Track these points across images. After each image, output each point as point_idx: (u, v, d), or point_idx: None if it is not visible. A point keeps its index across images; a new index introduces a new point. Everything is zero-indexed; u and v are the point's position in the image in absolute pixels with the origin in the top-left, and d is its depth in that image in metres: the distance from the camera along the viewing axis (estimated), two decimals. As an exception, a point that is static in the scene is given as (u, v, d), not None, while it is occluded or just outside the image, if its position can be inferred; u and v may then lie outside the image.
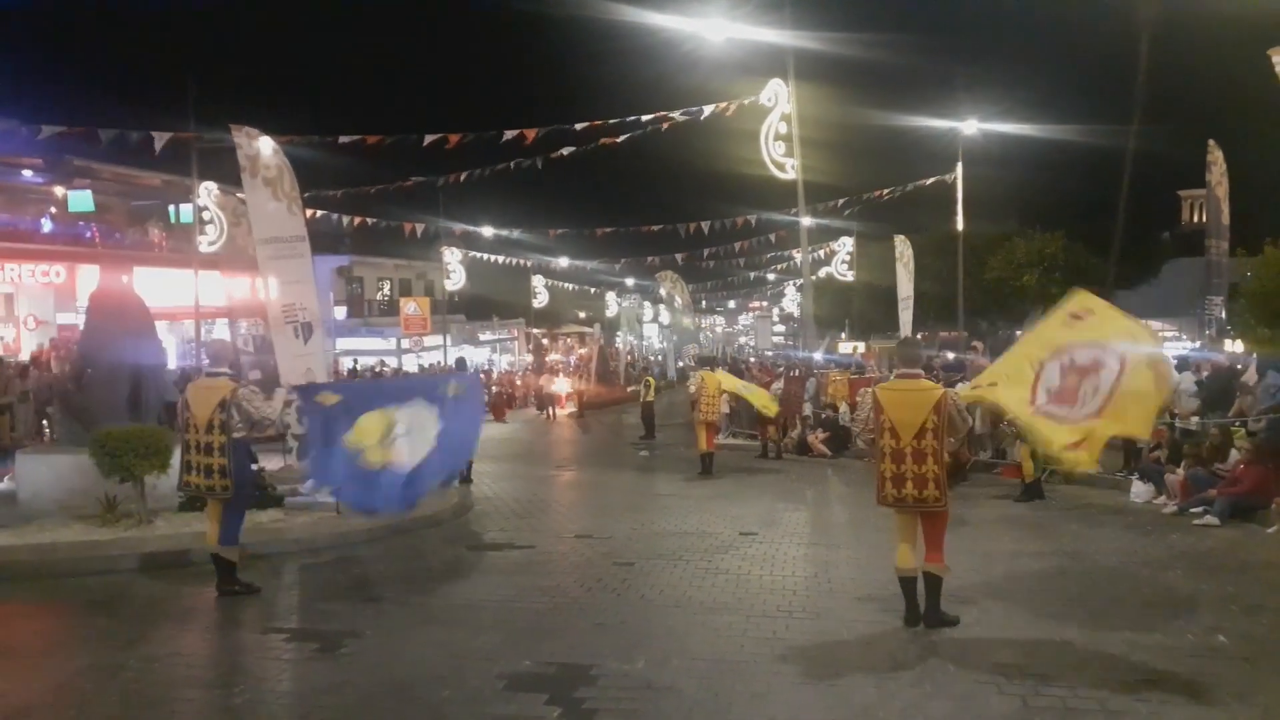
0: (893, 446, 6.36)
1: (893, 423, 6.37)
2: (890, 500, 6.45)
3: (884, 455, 6.40)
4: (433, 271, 44.43)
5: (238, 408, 7.44)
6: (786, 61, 19.98)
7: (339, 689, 5.43)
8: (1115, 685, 5.38)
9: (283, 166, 11.18)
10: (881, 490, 6.48)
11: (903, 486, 6.35)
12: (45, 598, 7.72)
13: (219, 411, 7.40)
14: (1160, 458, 12.00)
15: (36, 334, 26.83)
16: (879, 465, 6.48)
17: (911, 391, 6.49)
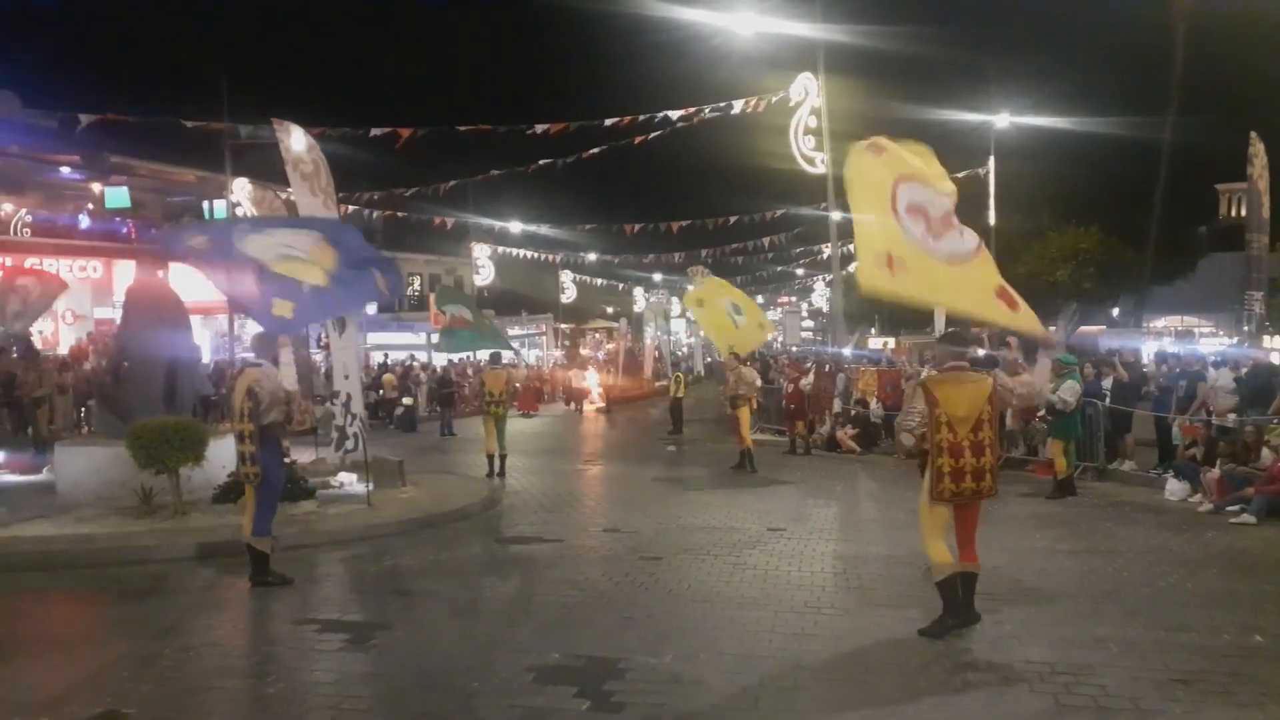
0: (950, 441, 6.09)
1: (949, 417, 6.11)
2: (949, 495, 6.14)
3: (941, 450, 6.11)
4: (462, 267, 44.68)
5: (257, 393, 7.55)
6: (816, 55, 19.87)
7: (370, 680, 5.49)
8: (1149, 684, 5.32)
9: (318, 161, 11.29)
10: (939, 485, 6.14)
11: (962, 481, 6.10)
12: (83, 587, 7.85)
13: (246, 400, 7.51)
14: (1196, 455, 11.83)
15: (74, 328, 27.29)
16: (935, 461, 6.14)
17: (965, 384, 6.24)
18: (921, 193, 6.37)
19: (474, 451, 15.85)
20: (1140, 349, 22.56)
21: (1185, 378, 13.67)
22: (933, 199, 6.39)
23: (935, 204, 6.39)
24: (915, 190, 6.34)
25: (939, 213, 6.33)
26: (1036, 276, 34.15)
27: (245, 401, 7.53)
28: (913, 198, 6.30)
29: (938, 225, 6.30)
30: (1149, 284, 33.55)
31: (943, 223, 6.34)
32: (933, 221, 6.29)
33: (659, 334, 40.80)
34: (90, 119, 17.00)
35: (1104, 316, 38.56)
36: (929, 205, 6.35)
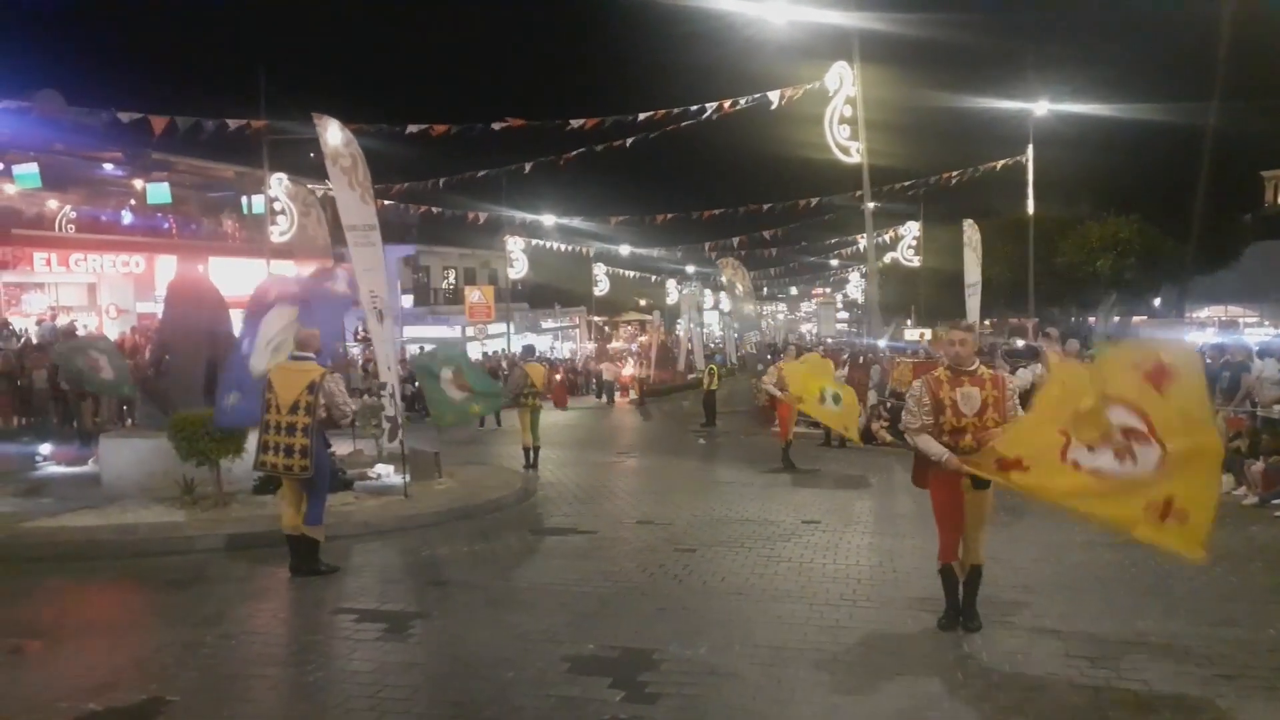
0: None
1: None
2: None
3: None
4: (496, 260, 44.88)
5: (327, 393, 7.64)
6: (851, 43, 19.69)
7: (407, 669, 5.55)
8: (1192, 679, 5.25)
9: (356, 155, 11.37)
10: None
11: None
12: (126, 576, 8.00)
13: (307, 393, 7.57)
14: (1240, 448, 11.62)
15: (118, 322, 27.76)
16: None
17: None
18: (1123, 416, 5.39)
19: (511, 443, 15.92)
20: (1183, 340, 22.15)
21: (1228, 369, 13.41)
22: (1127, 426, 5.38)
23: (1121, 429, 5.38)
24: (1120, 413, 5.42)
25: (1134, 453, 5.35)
26: (1076, 266, 33.70)
27: (305, 395, 7.59)
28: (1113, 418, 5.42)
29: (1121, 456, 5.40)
30: (1191, 273, 32.98)
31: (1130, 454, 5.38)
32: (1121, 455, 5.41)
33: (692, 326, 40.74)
34: (130, 117, 17.25)
35: (1145, 307, 37.95)
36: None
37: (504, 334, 38.43)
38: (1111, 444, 5.43)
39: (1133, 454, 5.38)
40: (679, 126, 20.11)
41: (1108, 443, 5.43)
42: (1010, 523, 9.89)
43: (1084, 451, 5.51)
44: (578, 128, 19.44)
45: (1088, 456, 5.50)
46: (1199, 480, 5.35)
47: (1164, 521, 5.29)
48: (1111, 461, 5.43)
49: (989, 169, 27.12)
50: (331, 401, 7.72)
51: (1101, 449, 5.46)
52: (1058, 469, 5.57)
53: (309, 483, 7.71)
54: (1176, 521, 5.26)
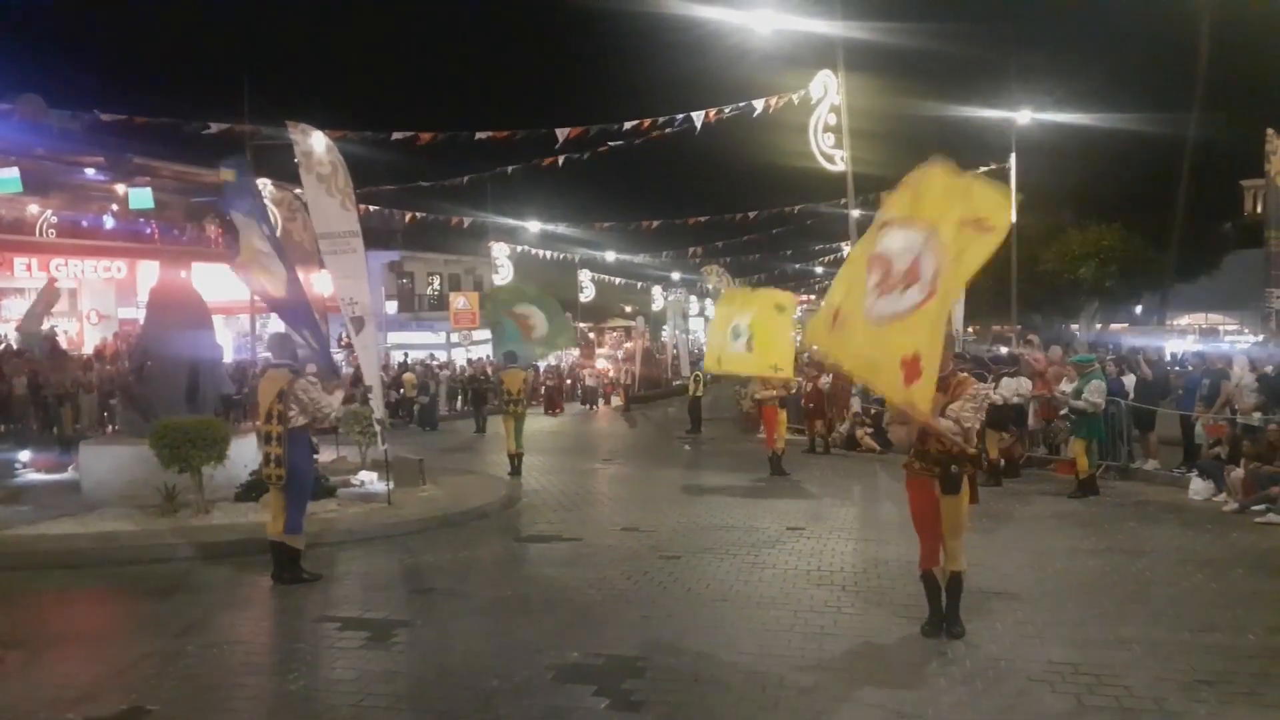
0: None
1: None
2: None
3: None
4: (481, 266, 44.83)
5: (295, 398, 7.60)
6: (836, 52, 19.79)
7: (391, 677, 5.52)
8: (1173, 685, 5.28)
9: (336, 163, 11.32)
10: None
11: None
12: (107, 585, 7.93)
13: (277, 401, 7.57)
14: (1221, 454, 11.71)
15: (99, 328, 27.56)
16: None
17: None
18: (903, 239, 5.73)
19: (497, 451, 15.88)
20: (1163, 347, 22.35)
21: (1208, 376, 13.53)
22: (911, 248, 5.64)
23: (907, 254, 5.64)
24: (898, 237, 5.77)
25: (904, 264, 5.64)
26: (1058, 274, 33.94)
27: (275, 403, 7.58)
28: (889, 245, 5.78)
29: (894, 279, 5.66)
30: (1172, 281, 33.27)
31: (902, 277, 5.63)
32: (891, 275, 5.68)
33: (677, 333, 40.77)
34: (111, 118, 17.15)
35: (1126, 314, 38.25)
36: (900, 255, 5.69)
37: (489, 340, 38.37)
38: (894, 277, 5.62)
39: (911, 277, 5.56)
40: (664, 134, 20.14)
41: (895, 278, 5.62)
42: (994, 529, 9.94)
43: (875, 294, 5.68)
44: (563, 138, 19.44)
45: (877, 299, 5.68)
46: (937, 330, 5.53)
47: (909, 386, 5.44)
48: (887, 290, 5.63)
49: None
50: (302, 406, 7.64)
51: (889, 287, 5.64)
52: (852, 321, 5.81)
53: (286, 490, 7.68)
54: (918, 379, 5.40)
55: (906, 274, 5.61)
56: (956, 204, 5.60)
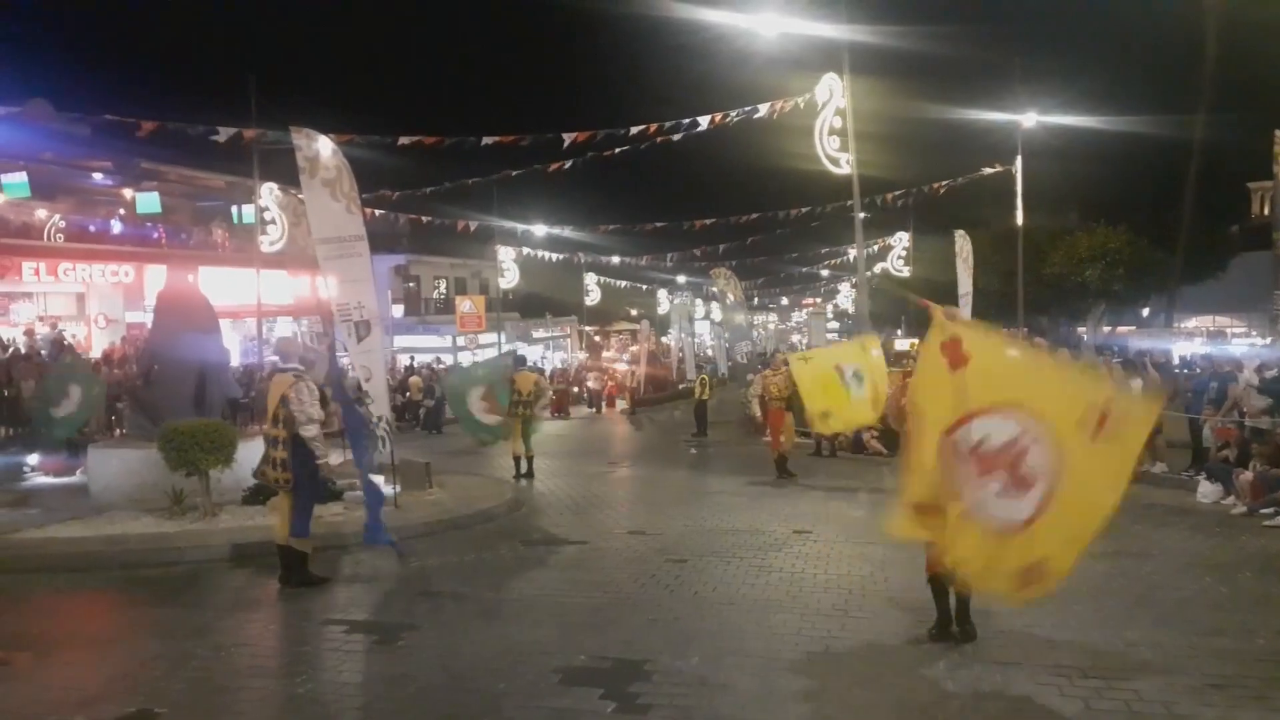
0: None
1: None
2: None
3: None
4: (488, 270, 44.86)
5: (291, 402, 7.60)
6: (841, 55, 19.78)
7: (398, 680, 5.53)
8: (1181, 689, 5.26)
9: (341, 167, 11.35)
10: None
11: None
12: (115, 588, 7.95)
13: (281, 405, 7.59)
14: (1229, 457, 11.67)
15: (107, 332, 27.64)
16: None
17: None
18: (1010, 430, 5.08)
19: (503, 454, 15.88)
20: (1170, 350, 22.29)
21: (1216, 379, 13.50)
22: (1009, 435, 5.07)
23: (1008, 448, 5.07)
24: (1004, 426, 5.09)
25: (1007, 458, 5.08)
26: (1065, 276, 33.84)
27: (279, 408, 7.59)
28: (981, 436, 5.14)
29: (997, 473, 5.10)
30: (1179, 284, 33.16)
31: (1006, 471, 5.08)
32: (993, 469, 5.11)
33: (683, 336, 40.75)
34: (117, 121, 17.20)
35: (1133, 317, 38.14)
36: (1000, 449, 5.09)
37: (495, 344, 38.40)
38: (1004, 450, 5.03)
39: (1021, 481, 5.01)
40: (670, 138, 20.13)
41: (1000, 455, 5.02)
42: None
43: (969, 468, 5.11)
44: (569, 143, 19.45)
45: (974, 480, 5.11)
46: (1077, 535, 5.01)
47: (1026, 587, 5.02)
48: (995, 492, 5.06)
49: (978, 180, 27.25)
50: (288, 412, 7.58)
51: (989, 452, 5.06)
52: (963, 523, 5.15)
53: (291, 494, 7.68)
54: (1037, 581, 5.00)
55: (1009, 471, 5.08)
56: (1066, 400, 5.09)
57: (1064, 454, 4.97)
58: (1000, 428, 5.15)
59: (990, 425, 5.18)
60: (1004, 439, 5.11)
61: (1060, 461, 4.97)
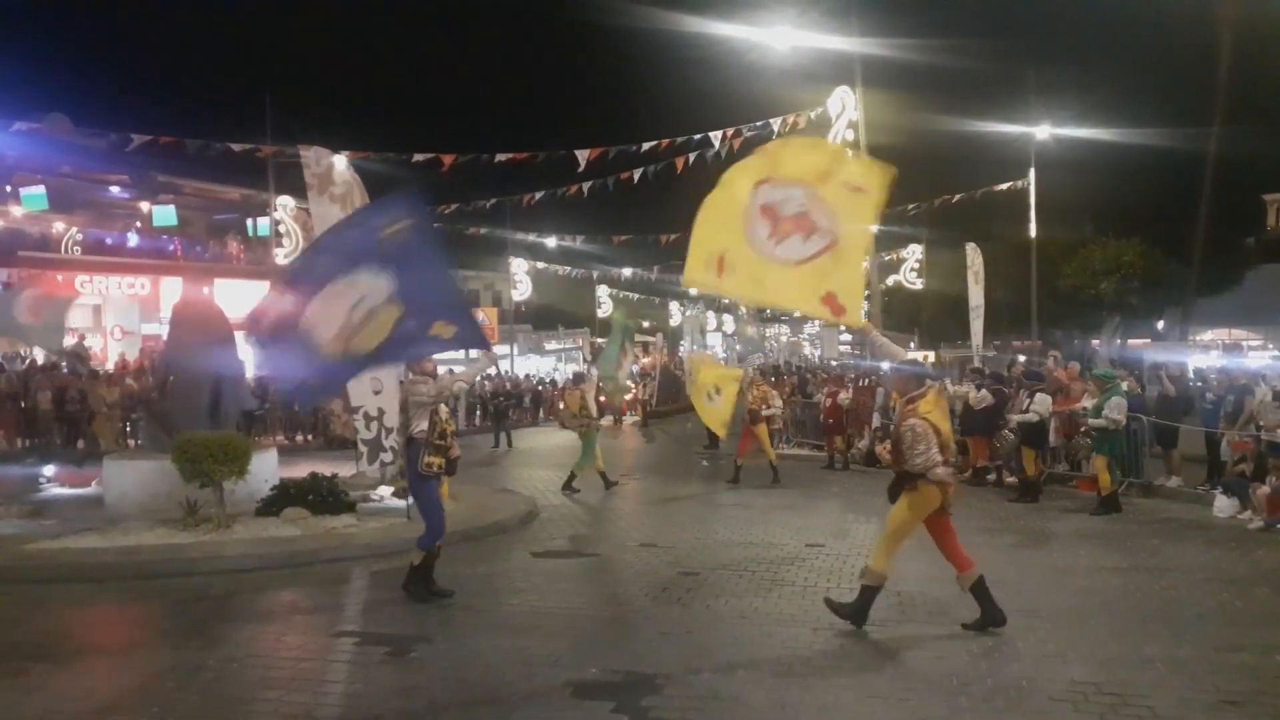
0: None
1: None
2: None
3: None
4: (500, 282, 45.06)
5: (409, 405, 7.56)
6: (854, 68, 19.83)
7: (409, 693, 5.53)
8: (1197, 705, 5.22)
9: (352, 183, 11.44)
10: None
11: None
12: (129, 598, 7.99)
13: (401, 413, 7.64)
14: (1245, 471, 11.59)
15: (122, 344, 27.86)
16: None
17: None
18: (783, 193, 6.73)
19: (519, 465, 15.96)
20: (1186, 363, 22.16)
21: (1232, 392, 13.41)
22: (793, 199, 6.70)
23: (792, 204, 6.71)
24: (777, 191, 6.75)
25: (791, 212, 6.70)
26: (1079, 289, 33.69)
27: (400, 415, 7.63)
28: (770, 198, 6.74)
29: (786, 226, 6.71)
30: (1194, 296, 32.96)
31: (793, 223, 6.70)
32: (780, 222, 6.72)
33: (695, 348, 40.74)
34: (140, 139, 17.39)
35: (1148, 330, 37.92)
36: (784, 205, 6.73)
37: (508, 355, 38.47)
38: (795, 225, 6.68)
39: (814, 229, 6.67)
40: (686, 157, 20.18)
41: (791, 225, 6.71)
42: (1015, 546, 9.88)
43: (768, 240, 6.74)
44: (584, 161, 19.54)
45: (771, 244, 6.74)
46: (852, 273, 6.83)
47: (838, 318, 6.99)
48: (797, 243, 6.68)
49: (991, 192, 27.21)
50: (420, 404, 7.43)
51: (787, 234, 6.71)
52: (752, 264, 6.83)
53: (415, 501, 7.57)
54: (838, 312, 6.79)
55: (798, 224, 6.70)
56: (833, 169, 6.78)
57: (835, 208, 6.65)
58: (791, 196, 6.75)
59: (785, 192, 6.77)
60: (793, 210, 6.73)
61: (835, 213, 6.66)
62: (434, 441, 7.50)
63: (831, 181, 6.68)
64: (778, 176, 6.84)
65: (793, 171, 6.83)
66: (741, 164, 7.20)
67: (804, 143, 7.44)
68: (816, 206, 6.67)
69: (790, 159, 6.94)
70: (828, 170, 6.74)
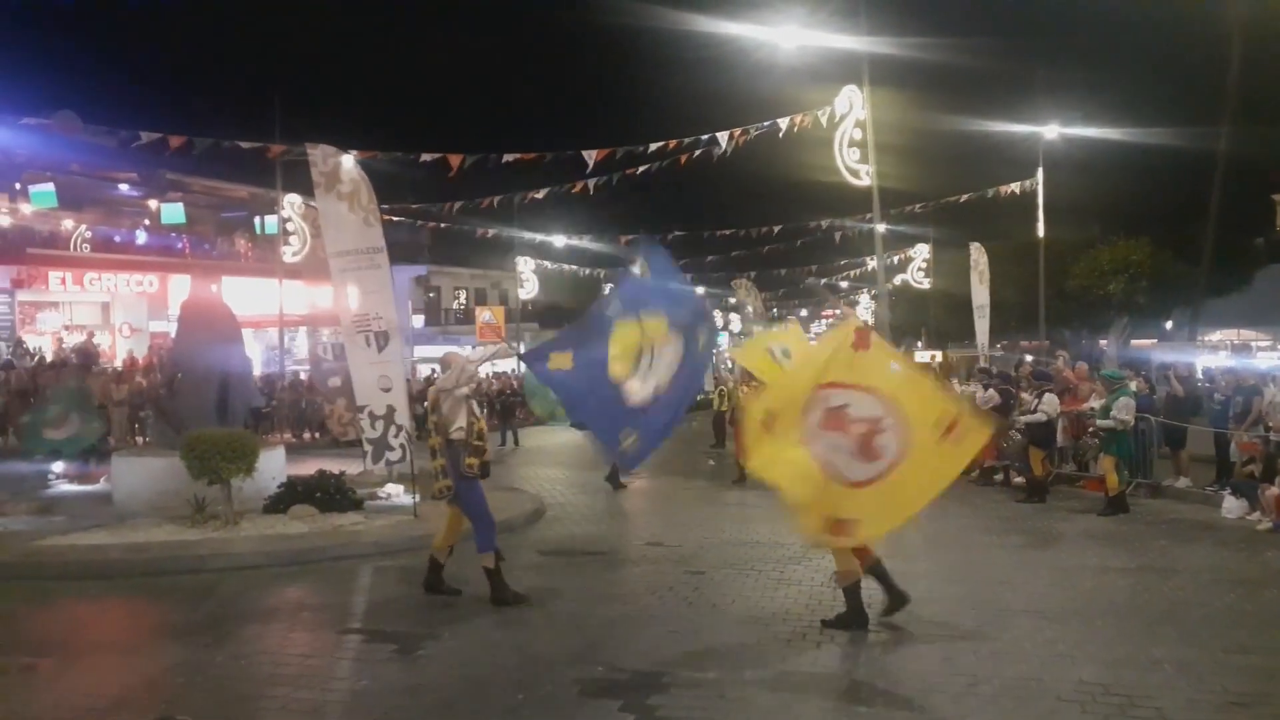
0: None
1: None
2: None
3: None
4: (507, 280, 45.07)
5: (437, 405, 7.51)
6: (861, 67, 19.78)
7: (416, 690, 5.54)
8: (1205, 706, 5.20)
9: (359, 180, 11.44)
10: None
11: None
12: (137, 595, 8.02)
13: (432, 413, 7.54)
14: (1254, 472, 11.54)
15: (130, 341, 27.95)
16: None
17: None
18: (866, 405, 6.31)
19: (526, 464, 15.96)
20: (1194, 363, 22.08)
21: (1241, 393, 13.36)
22: (872, 417, 6.27)
23: (863, 423, 6.27)
24: (856, 399, 6.33)
25: (860, 429, 6.27)
26: (1087, 289, 33.61)
27: (431, 415, 7.53)
28: (847, 402, 6.33)
29: (848, 434, 6.29)
30: (1203, 297, 32.84)
31: (855, 439, 6.27)
32: (845, 429, 6.31)
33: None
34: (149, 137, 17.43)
35: (1156, 330, 37.80)
36: (857, 420, 6.29)
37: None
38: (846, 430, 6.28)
39: (869, 452, 6.22)
40: (692, 155, 20.16)
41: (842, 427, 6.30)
42: (1022, 547, 9.86)
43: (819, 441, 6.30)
44: (591, 161, 19.53)
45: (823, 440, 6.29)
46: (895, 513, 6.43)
47: (829, 534, 6.37)
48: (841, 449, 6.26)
49: (1000, 192, 27.14)
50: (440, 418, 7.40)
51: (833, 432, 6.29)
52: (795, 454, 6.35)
53: (460, 506, 7.53)
54: (841, 534, 6.33)
55: (861, 440, 6.25)
56: (929, 406, 6.34)
57: (912, 443, 6.19)
58: (866, 404, 6.33)
59: (858, 399, 6.35)
60: (865, 414, 6.29)
61: (907, 447, 6.18)
62: (473, 443, 7.46)
63: (928, 419, 6.22)
64: (857, 382, 6.37)
65: (871, 379, 6.39)
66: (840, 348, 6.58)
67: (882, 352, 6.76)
68: (893, 433, 6.21)
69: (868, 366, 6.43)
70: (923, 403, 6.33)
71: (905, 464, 6.15)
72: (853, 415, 6.29)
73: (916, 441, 6.16)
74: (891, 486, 6.17)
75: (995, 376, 15.14)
